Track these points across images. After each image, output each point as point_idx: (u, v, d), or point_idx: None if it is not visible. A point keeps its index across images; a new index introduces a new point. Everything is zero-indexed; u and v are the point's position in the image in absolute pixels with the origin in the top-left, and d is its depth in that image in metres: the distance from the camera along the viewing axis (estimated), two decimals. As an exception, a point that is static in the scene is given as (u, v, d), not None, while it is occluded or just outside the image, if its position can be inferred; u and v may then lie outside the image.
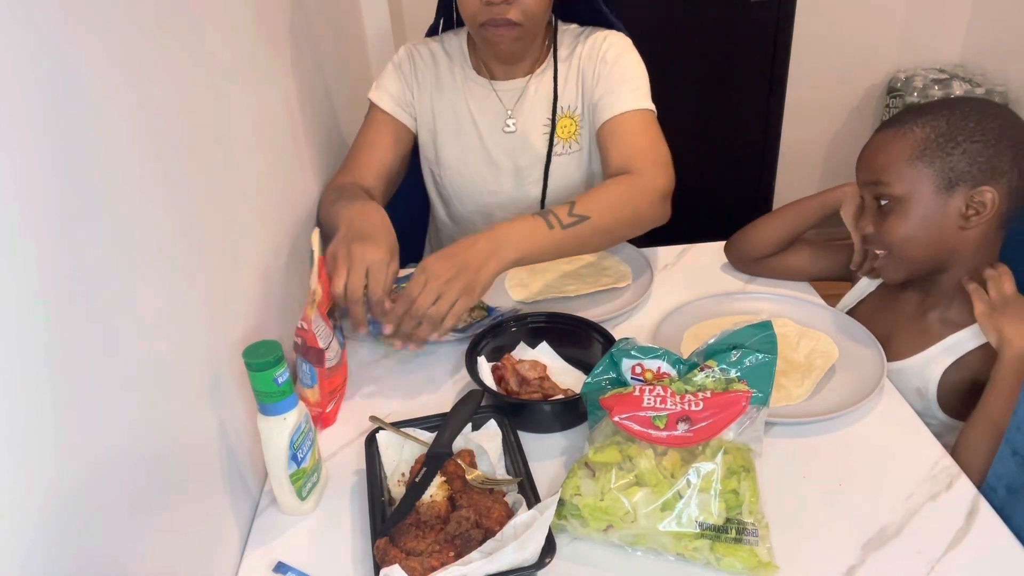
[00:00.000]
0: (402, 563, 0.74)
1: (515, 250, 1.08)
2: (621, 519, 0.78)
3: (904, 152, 0.99)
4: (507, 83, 1.40)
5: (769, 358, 0.87)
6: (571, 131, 1.41)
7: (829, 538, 0.81)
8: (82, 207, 0.57)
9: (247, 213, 0.98)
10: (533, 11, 1.25)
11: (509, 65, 1.39)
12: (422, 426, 0.92)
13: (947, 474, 0.88)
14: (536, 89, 1.40)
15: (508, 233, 1.09)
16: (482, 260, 1.05)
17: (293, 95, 1.28)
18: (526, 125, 1.41)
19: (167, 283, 0.72)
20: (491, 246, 1.07)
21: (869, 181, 1.04)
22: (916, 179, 0.99)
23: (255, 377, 0.79)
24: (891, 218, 1.02)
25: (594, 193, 1.19)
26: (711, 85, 2.81)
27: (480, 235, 1.08)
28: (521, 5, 1.23)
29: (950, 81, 2.72)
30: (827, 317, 1.15)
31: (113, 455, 0.59)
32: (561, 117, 1.40)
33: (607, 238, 1.21)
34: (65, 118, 0.56)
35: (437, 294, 1.01)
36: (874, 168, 1.03)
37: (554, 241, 1.12)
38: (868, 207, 1.06)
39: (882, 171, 1.01)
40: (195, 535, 0.75)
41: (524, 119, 1.41)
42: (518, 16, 1.24)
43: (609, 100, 1.32)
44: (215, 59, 0.90)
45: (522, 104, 1.41)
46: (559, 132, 1.40)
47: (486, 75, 1.41)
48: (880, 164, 1.02)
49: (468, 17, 1.27)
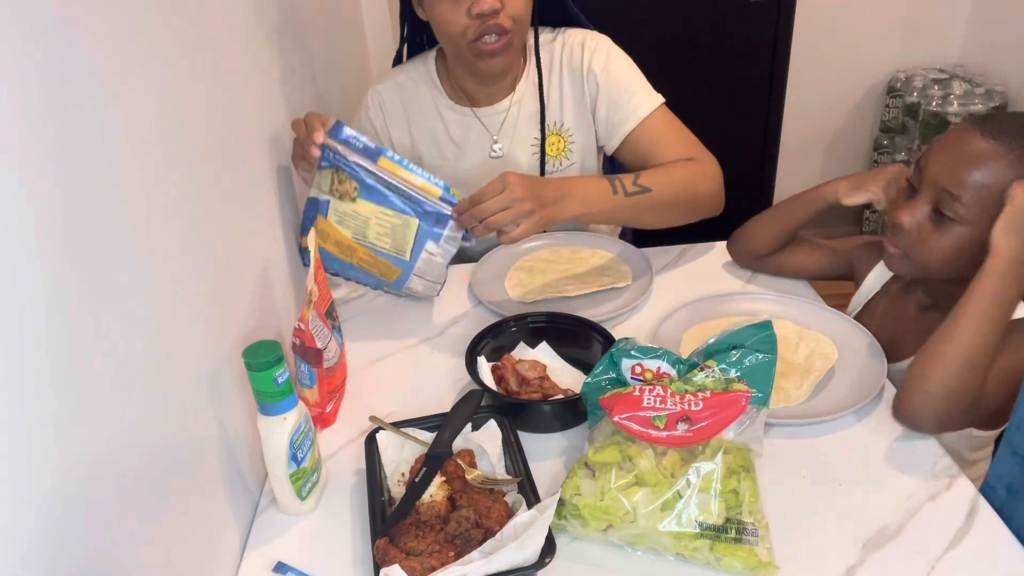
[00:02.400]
0: (402, 563, 0.74)
1: (581, 204, 1.15)
2: (621, 519, 0.78)
3: (1004, 181, 0.89)
4: (488, 108, 1.37)
5: (769, 358, 0.87)
6: (560, 148, 1.39)
7: (829, 538, 0.81)
8: (82, 207, 0.57)
9: (247, 213, 0.98)
10: (521, 15, 1.22)
11: (492, 86, 1.35)
12: (422, 426, 0.92)
13: (947, 474, 0.88)
14: (519, 110, 1.37)
15: (579, 186, 1.17)
16: (553, 199, 1.12)
17: (293, 95, 1.28)
18: (512, 147, 1.39)
19: (167, 283, 0.72)
20: (562, 192, 1.15)
21: (944, 188, 0.93)
22: (995, 209, 0.89)
23: (255, 377, 0.79)
24: (941, 234, 0.94)
25: (659, 170, 1.25)
26: (711, 85, 2.80)
27: (554, 179, 1.17)
28: (509, 11, 1.20)
29: (950, 81, 2.72)
30: (827, 318, 1.15)
31: (113, 455, 0.59)
32: (549, 134, 1.38)
33: (664, 215, 1.25)
34: (66, 118, 0.56)
35: (506, 206, 1.07)
36: (959, 179, 0.91)
37: (614, 206, 1.19)
38: (920, 204, 0.96)
39: (971, 188, 0.91)
40: (195, 535, 0.75)
41: (510, 141, 1.38)
42: (508, 22, 1.20)
43: (621, 115, 1.32)
44: (216, 59, 0.90)
45: (506, 127, 1.38)
46: (548, 150, 1.38)
47: (465, 103, 1.37)
48: (972, 179, 0.91)
49: (454, 36, 1.21)
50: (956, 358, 0.87)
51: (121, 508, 0.61)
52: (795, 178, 3.12)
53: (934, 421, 0.89)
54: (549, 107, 1.37)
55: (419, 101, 1.39)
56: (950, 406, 0.88)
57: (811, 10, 2.76)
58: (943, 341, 0.89)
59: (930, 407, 0.89)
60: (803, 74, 2.87)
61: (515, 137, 1.38)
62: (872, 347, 1.07)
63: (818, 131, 3.08)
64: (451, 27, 1.20)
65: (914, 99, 2.78)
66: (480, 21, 1.18)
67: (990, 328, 0.88)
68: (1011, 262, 0.88)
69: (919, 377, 0.90)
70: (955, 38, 2.90)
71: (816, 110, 3.01)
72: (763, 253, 1.27)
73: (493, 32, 1.20)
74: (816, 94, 2.96)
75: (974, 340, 0.87)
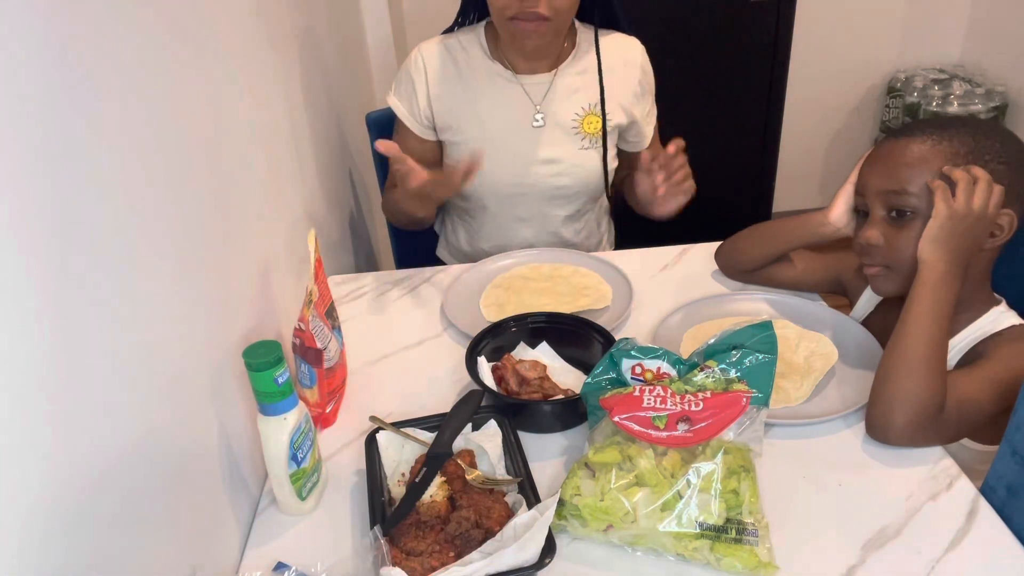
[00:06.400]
0: (402, 563, 0.74)
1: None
2: (621, 519, 0.78)
3: (933, 164, 0.95)
4: (531, 77, 1.43)
5: (769, 358, 0.87)
6: (596, 127, 1.45)
7: (829, 538, 0.81)
8: (82, 207, 0.57)
9: (247, 213, 0.98)
10: (562, 7, 1.28)
11: (533, 61, 1.42)
12: (422, 426, 0.92)
13: (947, 474, 0.88)
14: (564, 84, 1.44)
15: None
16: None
17: (293, 95, 1.28)
18: (554, 119, 1.44)
19: (167, 283, 0.72)
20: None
21: (888, 190, 0.98)
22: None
23: (255, 377, 0.79)
24: (906, 232, 0.97)
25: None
26: (711, 85, 2.80)
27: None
28: (551, 1, 1.26)
29: (950, 81, 2.72)
30: (827, 318, 1.15)
31: (113, 455, 0.59)
32: (587, 114, 1.44)
33: None
34: (67, 119, 0.56)
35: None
36: (898, 177, 0.97)
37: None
38: (875, 218, 1.00)
39: (908, 181, 0.96)
40: (195, 535, 0.75)
41: (552, 113, 1.43)
42: (547, 10, 1.27)
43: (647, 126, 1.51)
44: (217, 61, 0.90)
45: (551, 98, 1.43)
46: (585, 126, 1.45)
47: (510, 69, 1.43)
48: (906, 174, 0.96)
49: (497, 9, 1.30)
50: (906, 364, 0.90)
51: (121, 508, 0.61)
52: (795, 178, 3.12)
53: (903, 430, 0.89)
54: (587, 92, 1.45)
55: (467, 69, 1.43)
56: (913, 413, 0.88)
57: (811, 10, 2.76)
58: (892, 351, 0.92)
59: (895, 416, 0.89)
60: (803, 74, 2.87)
61: (558, 109, 1.44)
62: (872, 347, 1.07)
63: (818, 131, 3.09)
64: (496, 2, 1.30)
65: (914, 99, 2.78)
66: (519, 2, 1.26)
67: (935, 332, 0.91)
68: (941, 272, 0.92)
69: (878, 389, 0.92)
70: (955, 38, 2.91)
71: (816, 110, 3.01)
72: (749, 269, 1.26)
73: (531, 18, 1.28)
74: (816, 94, 2.96)
75: (919, 345, 0.90)
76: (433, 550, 0.76)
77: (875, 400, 0.92)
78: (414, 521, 0.80)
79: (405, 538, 0.78)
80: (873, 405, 0.92)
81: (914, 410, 0.88)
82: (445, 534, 0.78)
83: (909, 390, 0.89)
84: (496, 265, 1.36)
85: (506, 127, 1.43)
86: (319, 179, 1.42)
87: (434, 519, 0.80)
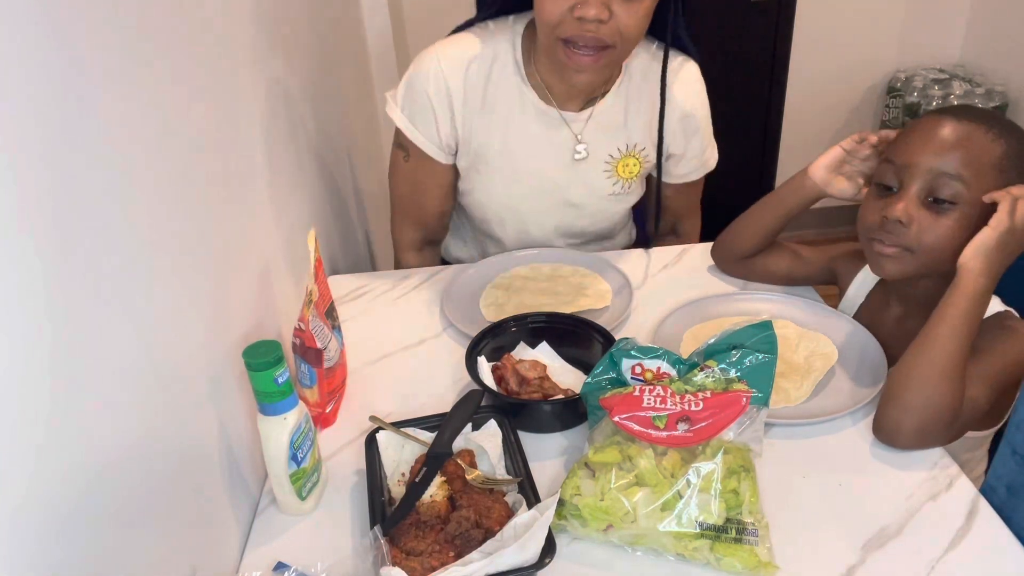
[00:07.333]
0: (402, 563, 0.74)
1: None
2: (621, 519, 0.78)
3: (992, 155, 0.91)
4: (570, 109, 1.24)
5: (769, 358, 0.87)
6: (634, 171, 1.30)
7: (829, 538, 0.81)
8: (82, 207, 0.57)
9: (247, 213, 0.98)
10: (630, 34, 1.07)
11: (575, 90, 1.21)
12: (422, 426, 0.92)
13: (947, 474, 0.88)
14: (605, 114, 1.26)
15: None
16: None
17: (294, 96, 1.28)
18: (595, 153, 1.28)
19: (167, 283, 0.71)
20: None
21: (939, 171, 0.91)
22: (993, 183, 0.90)
23: (255, 377, 0.79)
24: (942, 220, 0.92)
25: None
26: (711, 85, 2.79)
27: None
28: (618, 25, 1.05)
29: (950, 81, 2.72)
30: (827, 318, 1.15)
31: (112, 455, 0.59)
32: (625, 155, 1.28)
33: None
34: (68, 117, 0.56)
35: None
36: (954, 158, 0.90)
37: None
38: (910, 194, 0.93)
39: (965, 165, 0.90)
40: (195, 535, 0.75)
41: (594, 146, 1.27)
42: (612, 37, 1.06)
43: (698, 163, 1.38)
44: (217, 61, 0.90)
45: (592, 127, 1.26)
46: (620, 171, 1.29)
47: (550, 100, 1.23)
48: (964, 157, 0.90)
49: (546, 23, 1.07)
50: (931, 374, 0.87)
51: (120, 508, 0.61)
52: (795, 178, 3.12)
53: (913, 436, 0.89)
54: (628, 127, 1.27)
55: (500, 76, 1.21)
56: (928, 421, 0.87)
57: (811, 10, 2.76)
58: (917, 356, 0.89)
59: (907, 422, 0.88)
60: (803, 74, 2.87)
61: (598, 143, 1.28)
62: (872, 347, 1.07)
63: (818, 131, 3.08)
64: (547, 13, 1.06)
65: (914, 99, 2.78)
66: (579, 24, 1.05)
67: (962, 343, 0.88)
68: (983, 285, 0.89)
69: (895, 393, 0.90)
70: (955, 38, 2.91)
71: (816, 110, 3.01)
72: (744, 255, 1.25)
73: (590, 44, 1.07)
74: (816, 94, 2.96)
75: (947, 355, 0.88)
76: (433, 550, 0.76)
77: (890, 403, 0.90)
78: (414, 521, 0.80)
79: (405, 538, 0.78)
80: (886, 408, 0.90)
81: (930, 419, 0.87)
82: (445, 534, 0.78)
83: (930, 398, 0.87)
84: (496, 265, 1.36)
85: (540, 162, 1.27)
86: (319, 179, 1.42)
87: (434, 519, 0.80)
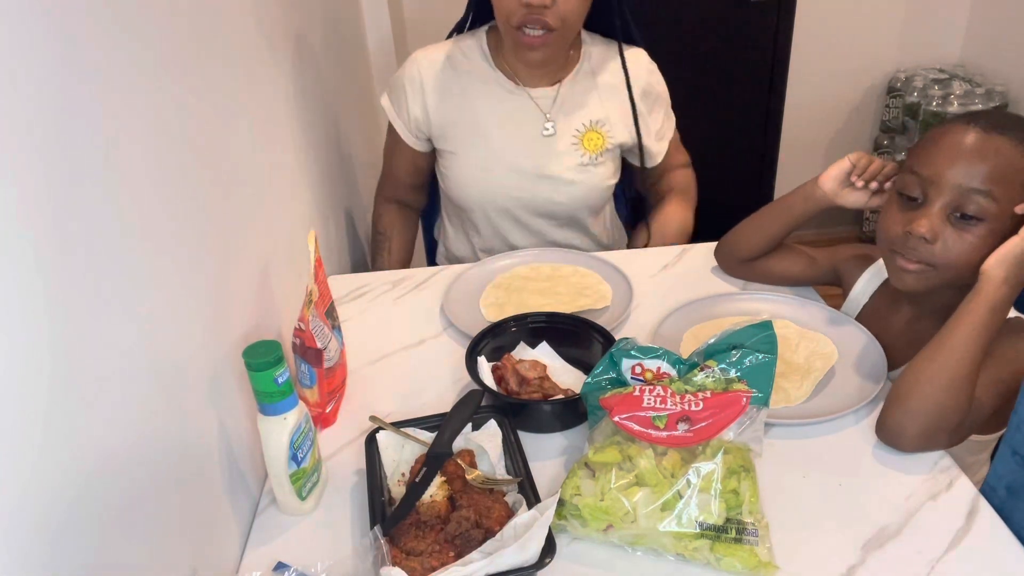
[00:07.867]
0: (402, 563, 0.74)
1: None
2: (621, 519, 0.78)
3: (1021, 167, 0.88)
4: (537, 90, 1.39)
5: (769, 358, 0.87)
6: (598, 144, 1.41)
7: (829, 538, 0.81)
8: (83, 206, 0.57)
9: (247, 213, 0.98)
10: (570, 18, 1.25)
11: (536, 71, 1.38)
12: (422, 426, 0.92)
13: (947, 474, 0.88)
14: (570, 95, 1.40)
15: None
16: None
17: (294, 95, 1.28)
18: (563, 130, 1.40)
19: (167, 283, 0.72)
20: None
21: (968, 187, 0.89)
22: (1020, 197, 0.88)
23: (255, 377, 0.79)
24: (968, 236, 0.90)
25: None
26: (711, 85, 2.80)
27: None
28: (559, 11, 1.23)
29: (950, 81, 2.72)
30: (827, 318, 1.15)
31: (112, 455, 0.59)
32: (589, 130, 1.40)
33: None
34: (69, 116, 0.56)
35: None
36: (981, 173, 0.88)
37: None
38: (935, 210, 0.91)
39: (993, 180, 0.88)
40: (195, 535, 0.75)
41: (561, 124, 1.40)
42: (555, 21, 1.24)
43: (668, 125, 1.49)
44: (217, 61, 0.90)
45: (559, 107, 1.40)
46: (585, 143, 1.40)
47: (516, 80, 1.39)
48: (991, 172, 0.88)
49: (503, 17, 1.27)
50: (941, 379, 0.87)
51: (120, 508, 0.61)
52: (795, 178, 3.08)
53: (916, 440, 0.89)
54: (589, 105, 1.40)
55: (468, 70, 1.39)
56: (933, 426, 0.87)
57: (811, 10, 2.75)
58: (929, 361, 0.89)
59: (912, 426, 0.88)
60: (803, 74, 2.87)
61: (566, 121, 1.40)
62: (872, 347, 1.07)
63: (818, 131, 3.08)
64: (501, 6, 1.26)
65: (914, 99, 2.78)
66: (527, 10, 1.23)
67: (976, 352, 0.88)
68: (1005, 294, 0.88)
69: (903, 396, 0.89)
70: (955, 38, 2.90)
71: (816, 110, 3.01)
72: (748, 257, 1.25)
73: (537, 25, 1.24)
74: (816, 94, 2.96)
75: (960, 363, 0.87)
76: (433, 550, 0.76)
77: (896, 405, 0.90)
78: (414, 521, 0.80)
79: (405, 538, 0.78)
80: (892, 409, 0.90)
81: (935, 424, 0.87)
82: (445, 534, 0.78)
83: (940, 403, 0.87)
84: (496, 265, 1.35)
85: (512, 139, 1.39)
86: (319, 179, 1.42)
87: (434, 519, 0.80)
